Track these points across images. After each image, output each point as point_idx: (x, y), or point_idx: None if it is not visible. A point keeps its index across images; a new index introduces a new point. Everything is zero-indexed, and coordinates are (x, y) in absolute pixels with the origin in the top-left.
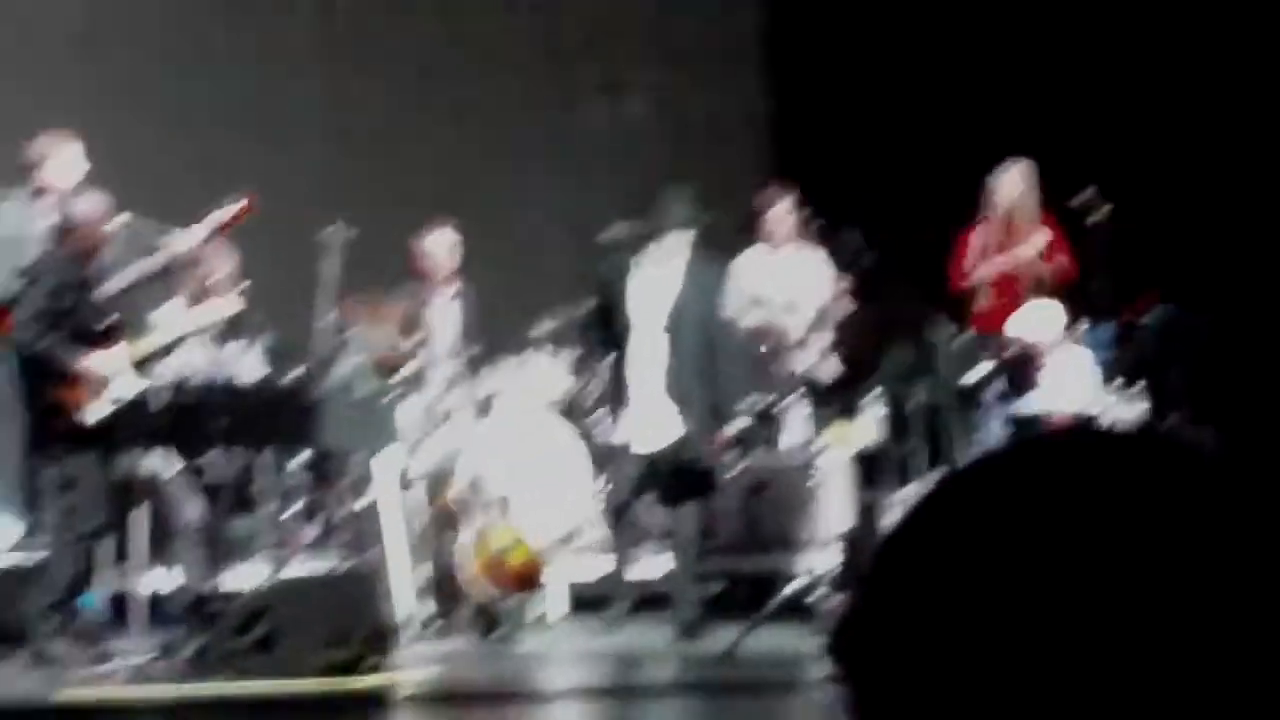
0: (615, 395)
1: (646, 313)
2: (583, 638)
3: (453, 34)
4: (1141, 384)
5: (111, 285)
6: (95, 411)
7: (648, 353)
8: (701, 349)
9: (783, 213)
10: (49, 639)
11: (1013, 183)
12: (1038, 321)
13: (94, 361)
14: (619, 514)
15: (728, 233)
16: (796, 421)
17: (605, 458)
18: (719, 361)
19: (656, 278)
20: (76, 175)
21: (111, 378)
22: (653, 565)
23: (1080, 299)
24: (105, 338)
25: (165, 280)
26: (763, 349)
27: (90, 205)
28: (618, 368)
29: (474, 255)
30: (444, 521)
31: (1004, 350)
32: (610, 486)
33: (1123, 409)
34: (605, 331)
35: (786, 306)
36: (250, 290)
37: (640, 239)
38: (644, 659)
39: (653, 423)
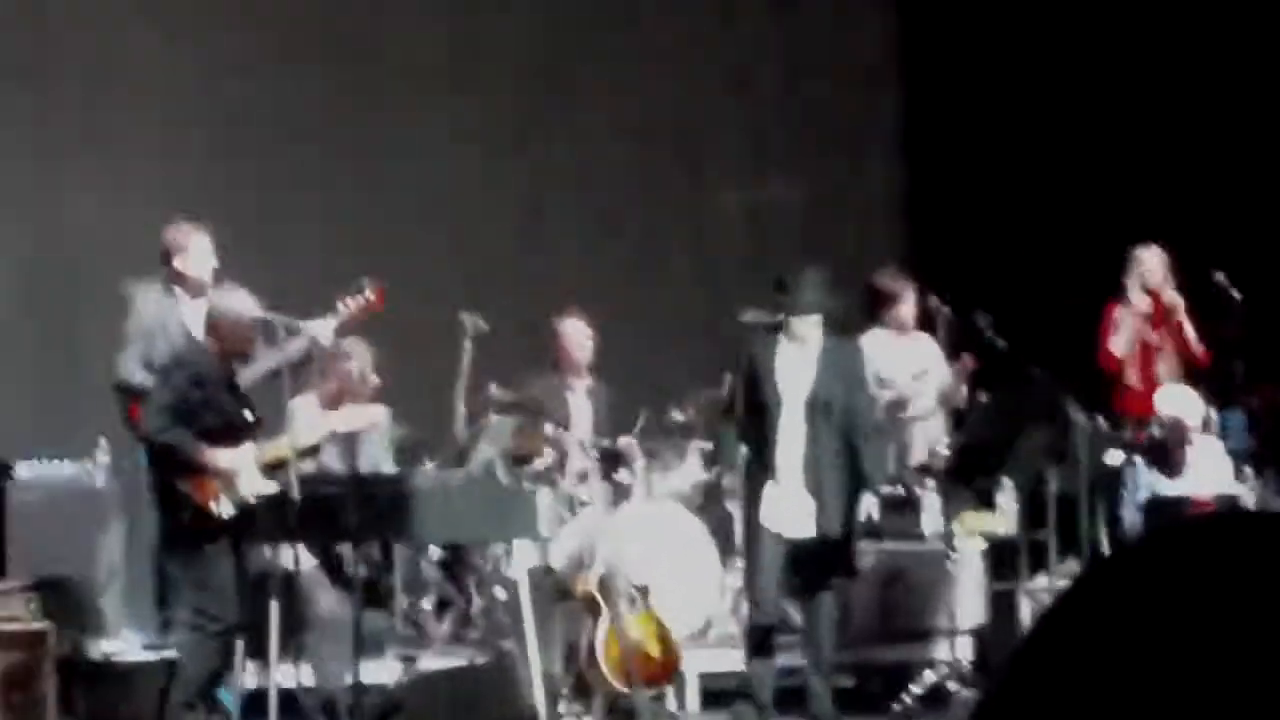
0: (756, 477)
1: (788, 394)
2: None
3: (587, 123)
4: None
5: (245, 377)
6: (223, 508)
7: (790, 435)
8: (840, 433)
9: (905, 299)
10: None
11: (1156, 261)
12: (1184, 401)
13: (222, 458)
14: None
15: (856, 315)
16: (929, 509)
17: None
18: (858, 446)
19: (793, 361)
20: (209, 266)
21: (239, 475)
22: (786, 658)
23: (1212, 384)
24: (238, 434)
25: (296, 374)
26: (901, 416)
27: (239, 301)
28: (761, 448)
29: (610, 342)
30: (579, 612)
31: (1146, 431)
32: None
33: (1255, 496)
34: (748, 411)
35: (913, 381)
36: (381, 383)
37: (773, 324)
38: None
39: (794, 509)
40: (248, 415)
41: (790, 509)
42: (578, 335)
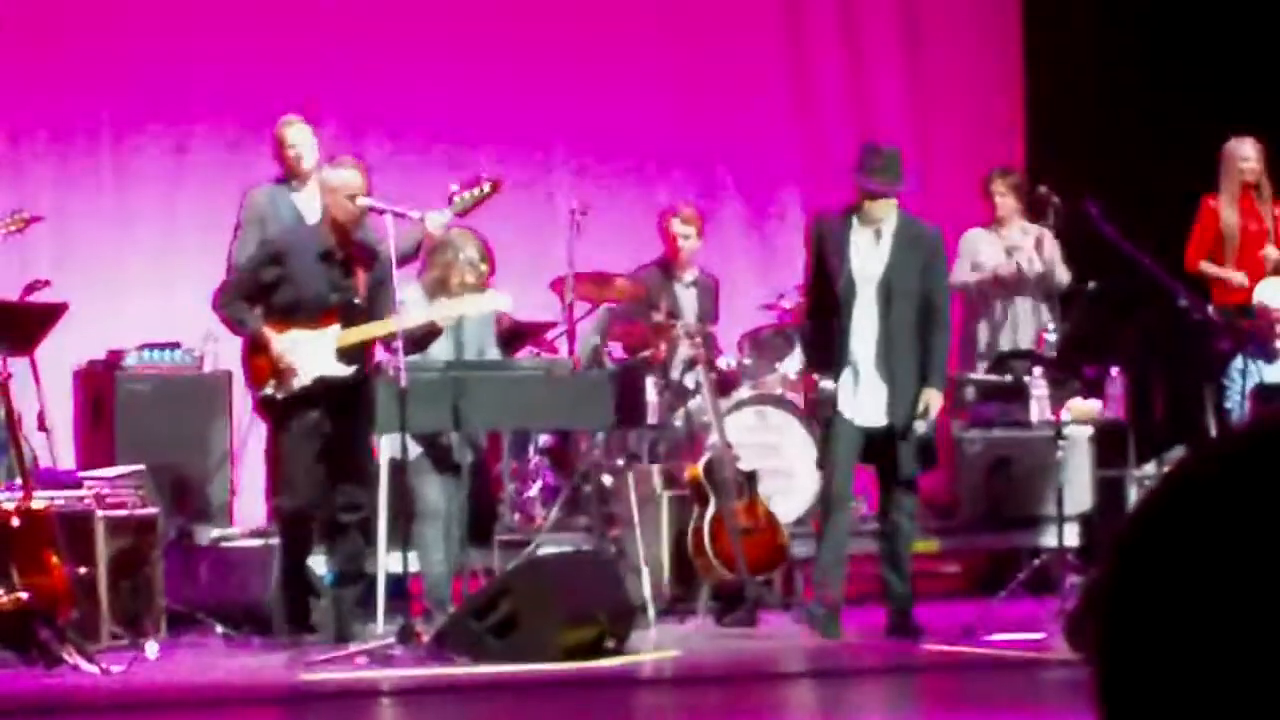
0: (827, 364)
1: (861, 278)
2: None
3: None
4: None
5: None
6: (278, 390)
7: (864, 321)
8: (915, 319)
9: (1005, 190)
10: (291, 621)
11: (1252, 153)
12: (1272, 290)
13: (279, 339)
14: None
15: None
16: (1037, 396)
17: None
18: (931, 332)
19: (866, 243)
20: (315, 157)
21: (300, 356)
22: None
23: None
24: (321, 313)
25: (409, 263)
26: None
27: (347, 176)
28: (831, 335)
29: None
30: (686, 501)
31: (1246, 319)
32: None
33: None
34: (819, 296)
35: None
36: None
37: (845, 209)
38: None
39: (867, 397)
40: (335, 297)
41: (864, 397)
42: (683, 228)
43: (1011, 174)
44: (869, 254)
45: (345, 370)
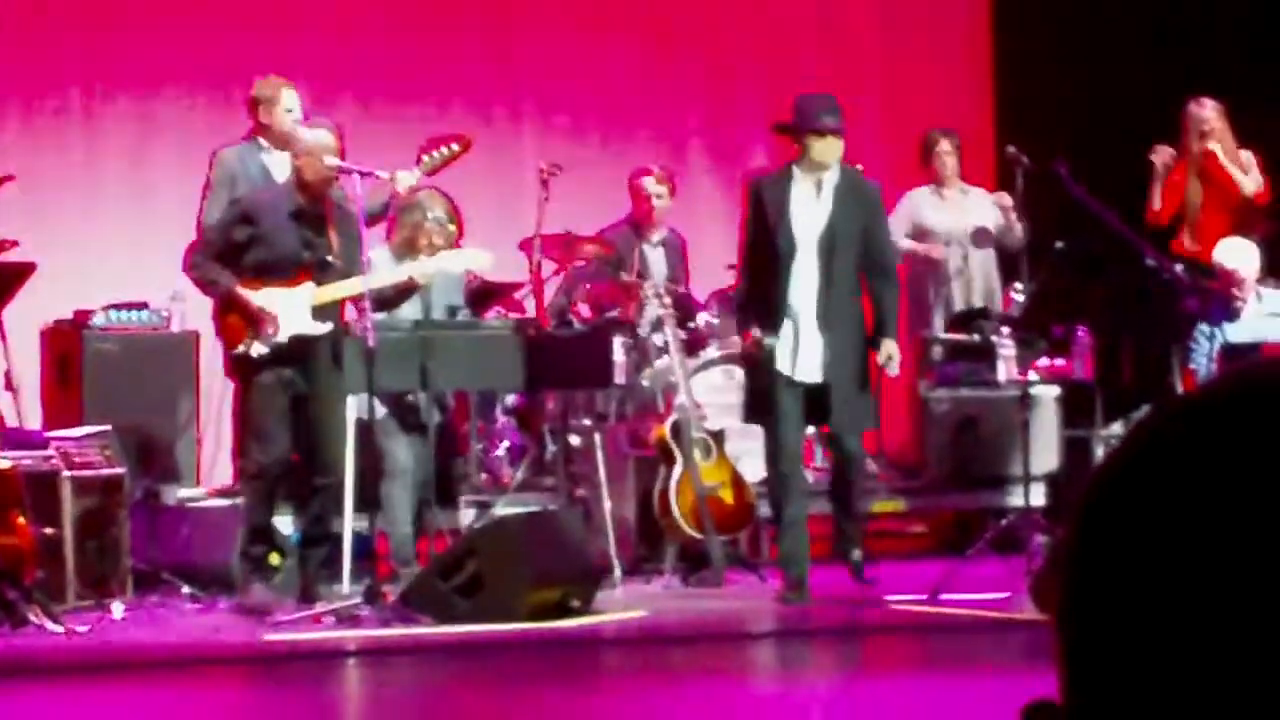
0: (768, 321)
1: (802, 233)
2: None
3: None
4: None
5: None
6: (253, 347)
7: (804, 277)
8: (855, 273)
9: (950, 150)
10: (256, 581)
11: (1214, 114)
12: (1239, 253)
13: (255, 297)
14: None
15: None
16: (1004, 356)
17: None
18: (881, 286)
19: (807, 196)
20: (292, 119)
21: (273, 314)
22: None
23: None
24: (294, 271)
25: (378, 222)
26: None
27: (320, 136)
28: (771, 291)
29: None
30: (653, 460)
31: (1208, 279)
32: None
33: None
34: (758, 252)
35: (946, 238)
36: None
37: (789, 164)
38: (841, 599)
39: (807, 354)
40: (308, 255)
41: (803, 354)
42: (656, 187)
43: (953, 134)
44: (810, 208)
45: (321, 328)
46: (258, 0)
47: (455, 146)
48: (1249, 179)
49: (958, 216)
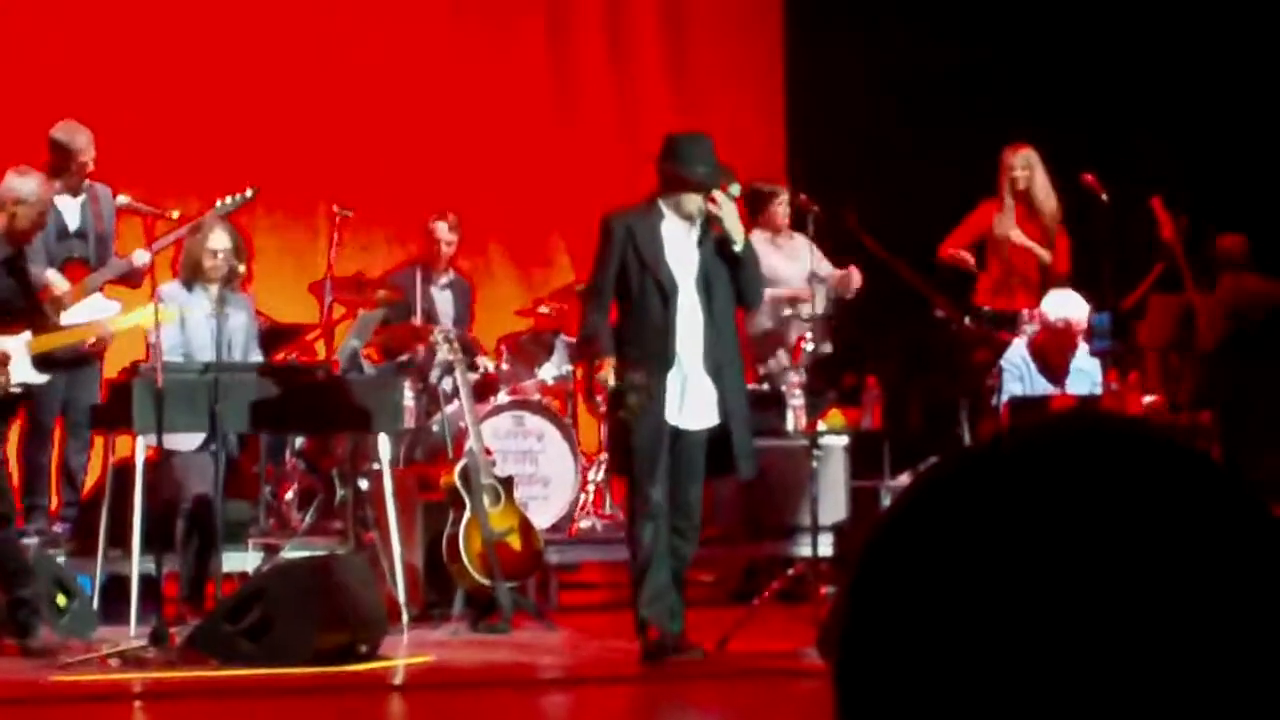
0: (644, 368)
1: (681, 275)
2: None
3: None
4: (1138, 373)
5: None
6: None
7: (687, 319)
8: (732, 311)
9: (780, 199)
10: (38, 626)
11: (1024, 162)
12: (1073, 304)
13: None
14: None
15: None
16: (794, 406)
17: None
18: (750, 328)
19: (679, 238)
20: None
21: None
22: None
23: (1079, 287)
24: (8, 319)
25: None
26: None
27: (28, 184)
28: (647, 336)
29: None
30: (441, 505)
31: (1021, 332)
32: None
33: (1119, 398)
34: (628, 295)
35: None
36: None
37: (648, 203)
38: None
39: (696, 399)
40: (21, 303)
41: (691, 400)
42: (443, 231)
43: (782, 184)
44: (685, 247)
45: (42, 378)
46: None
47: (248, 193)
48: (1045, 251)
49: (801, 265)
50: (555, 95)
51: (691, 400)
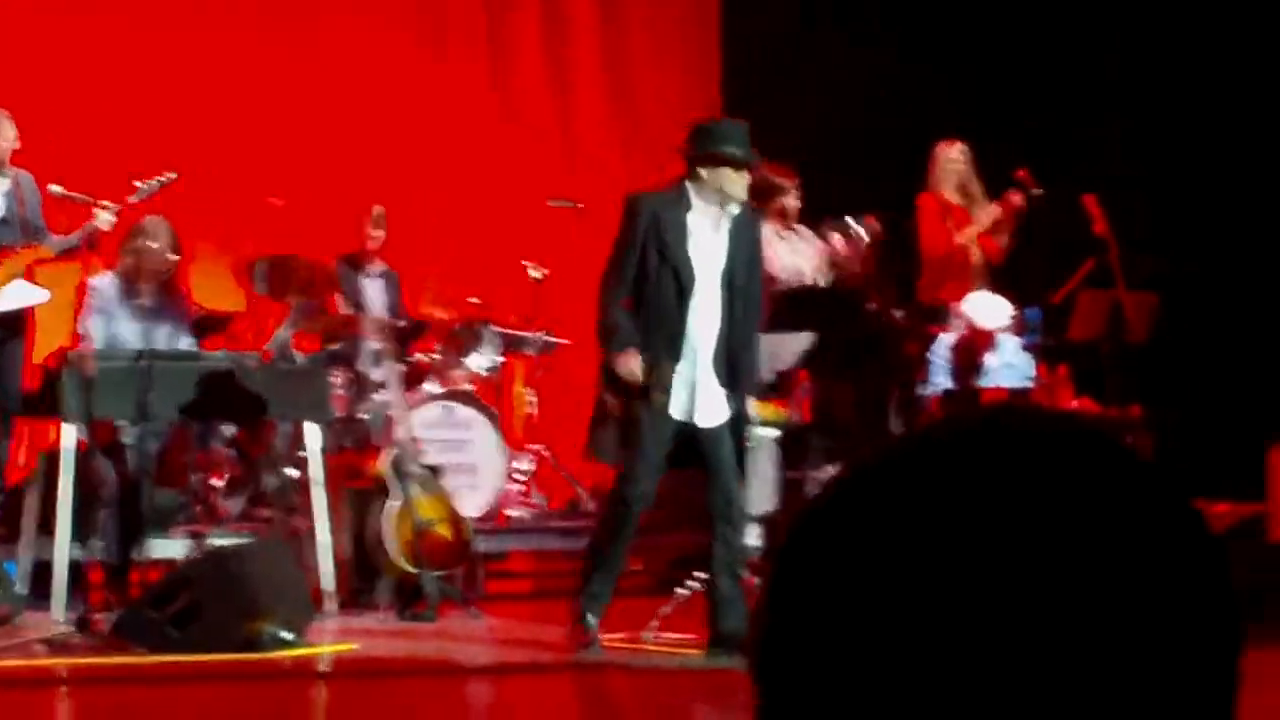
0: (651, 360)
1: (701, 267)
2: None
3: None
4: (1068, 366)
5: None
6: None
7: (705, 313)
8: (748, 313)
9: (791, 190)
10: None
11: (959, 155)
12: (990, 308)
13: None
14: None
15: None
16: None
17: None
18: (755, 330)
19: (704, 228)
20: None
21: None
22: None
23: (1012, 281)
24: None
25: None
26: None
27: None
28: (658, 328)
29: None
30: (370, 494)
31: (950, 327)
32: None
33: (1049, 392)
34: (646, 284)
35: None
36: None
37: (676, 190)
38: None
39: (706, 395)
40: None
41: (701, 397)
42: (372, 223)
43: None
44: (710, 240)
45: None
46: None
47: (168, 176)
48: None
49: (803, 259)
50: (490, 86)
51: (704, 397)
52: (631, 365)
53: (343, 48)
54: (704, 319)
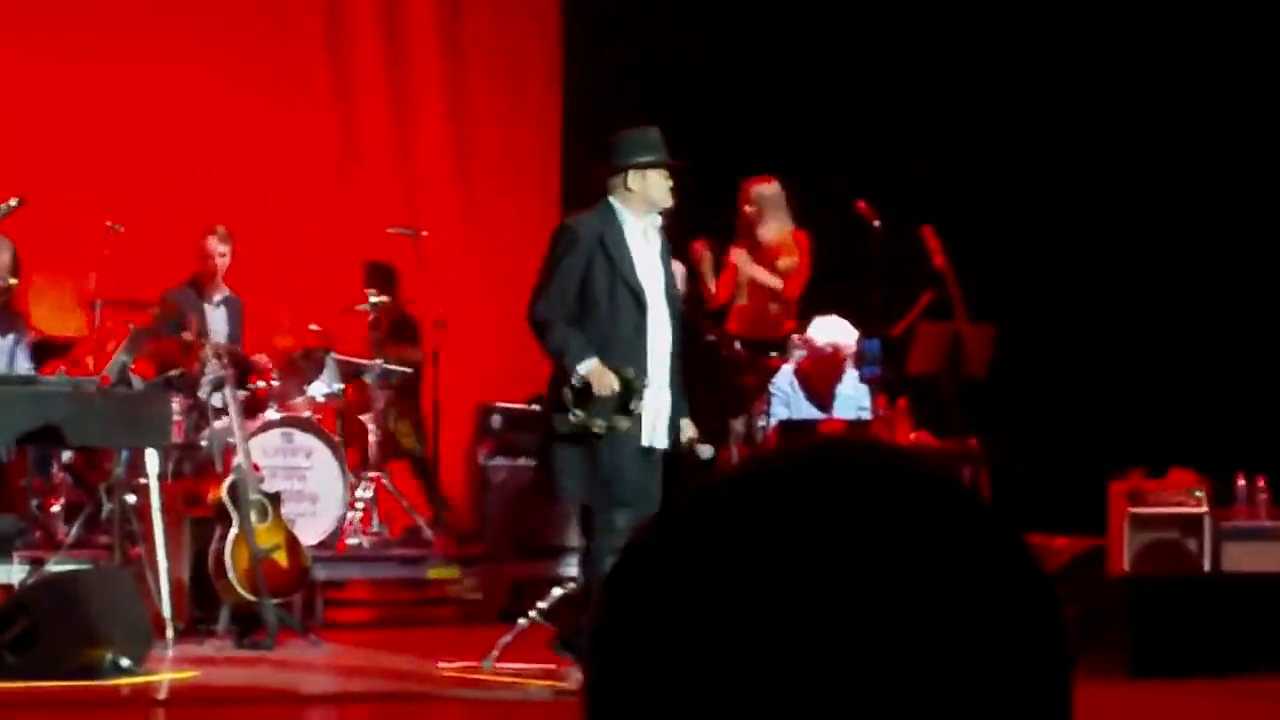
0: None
1: (649, 283)
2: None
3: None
4: (907, 399)
5: None
6: None
7: (656, 332)
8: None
9: None
10: None
11: (759, 197)
12: (838, 330)
13: None
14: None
15: None
16: None
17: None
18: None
19: (640, 242)
20: None
21: None
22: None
23: (849, 313)
24: None
25: None
26: None
27: None
28: (609, 349)
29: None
30: (209, 521)
31: (790, 358)
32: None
33: (888, 424)
34: (588, 305)
35: None
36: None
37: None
38: (405, 667)
39: (659, 416)
40: None
41: (656, 419)
42: (219, 246)
43: None
44: (649, 256)
45: None
46: None
47: (13, 202)
48: (774, 278)
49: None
50: (331, 116)
51: (660, 420)
52: (606, 377)
53: (187, 78)
54: (659, 336)
